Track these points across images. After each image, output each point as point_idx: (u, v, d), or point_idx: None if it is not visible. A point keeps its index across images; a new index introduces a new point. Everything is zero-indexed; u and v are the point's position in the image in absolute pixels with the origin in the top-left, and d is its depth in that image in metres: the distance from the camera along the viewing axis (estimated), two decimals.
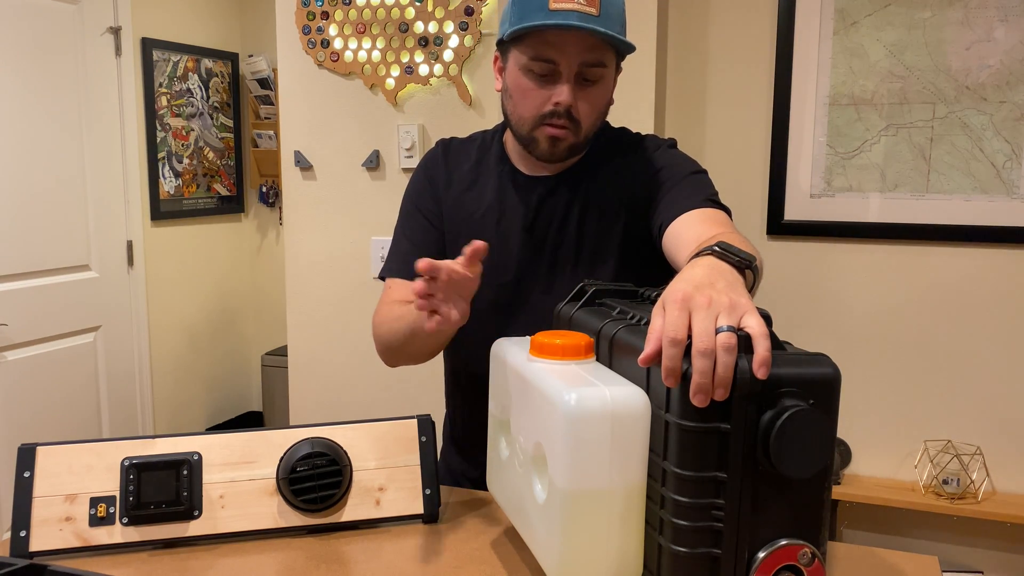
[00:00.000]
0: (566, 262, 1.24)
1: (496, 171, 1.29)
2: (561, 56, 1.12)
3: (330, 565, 0.99)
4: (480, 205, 1.27)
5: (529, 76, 1.15)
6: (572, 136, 1.17)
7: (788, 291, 2.52)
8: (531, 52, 1.13)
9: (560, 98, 1.14)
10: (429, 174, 1.32)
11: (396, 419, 1.13)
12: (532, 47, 1.13)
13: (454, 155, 1.33)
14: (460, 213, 1.29)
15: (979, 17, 2.28)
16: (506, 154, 1.29)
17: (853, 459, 2.53)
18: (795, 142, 2.46)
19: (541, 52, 1.13)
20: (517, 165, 1.28)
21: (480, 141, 1.33)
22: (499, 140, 1.31)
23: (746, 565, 0.76)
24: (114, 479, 1.03)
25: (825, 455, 0.74)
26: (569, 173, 1.26)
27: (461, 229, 1.28)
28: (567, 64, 1.13)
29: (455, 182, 1.30)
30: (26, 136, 2.89)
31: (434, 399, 1.48)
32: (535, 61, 1.14)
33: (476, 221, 1.27)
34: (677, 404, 0.75)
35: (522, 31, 1.11)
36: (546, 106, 1.15)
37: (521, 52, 1.15)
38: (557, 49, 1.12)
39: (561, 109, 1.14)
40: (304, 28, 2.58)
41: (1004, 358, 2.37)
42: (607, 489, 0.79)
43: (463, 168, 1.31)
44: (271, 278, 4.07)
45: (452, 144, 1.34)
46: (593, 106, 1.17)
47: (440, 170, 1.32)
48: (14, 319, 2.86)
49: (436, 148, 1.35)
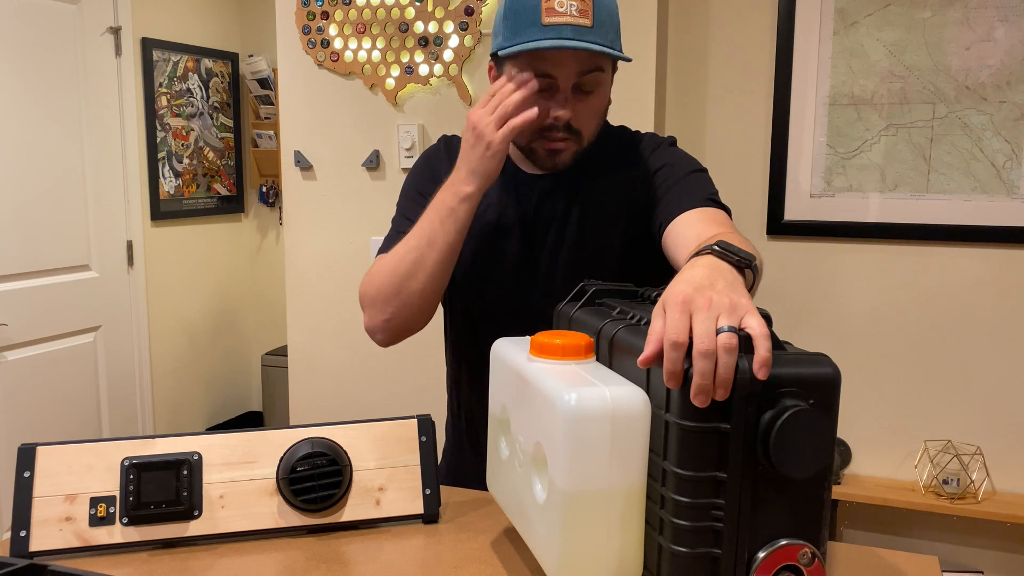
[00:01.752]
0: (566, 261, 1.24)
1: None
2: (557, 70, 1.12)
3: (330, 565, 0.99)
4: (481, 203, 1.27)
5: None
6: (574, 145, 1.17)
7: (788, 291, 2.52)
8: (528, 67, 1.12)
9: (559, 113, 1.14)
10: (432, 164, 1.32)
11: (396, 419, 1.13)
12: (527, 63, 1.12)
13: (456, 151, 1.32)
14: None
15: (979, 17, 2.28)
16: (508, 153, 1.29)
17: (853, 459, 2.53)
18: (795, 142, 2.46)
19: (537, 68, 1.12)
20: (517, 164, 1.28)
21: None
22: None
23: (746, 565, 0.76)
24: (114, 479, 1.03)
25: (825, 455, 0.74)
26: (569, 172, 1.26)
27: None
28: (564, 78, 1.12)
29: None
30: (26, 136, 2.89)
31: (434, 399, 1.48)
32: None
33: (476, 219, 1.27)
34: (677, 404, 0.75)
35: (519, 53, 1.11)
36: (544, 120, 1.15)
37: (516, 67, 1.14)
38: (552, 63, 1.11)
39: (560, 123, 1.14)
40: (304, 28, 2.58)
41: (1004, 358, 2.37)
42: (607, 489, 0.79)
43: None
44: (271, 278, 4.07)
45: (454, 141, 1.34)
46: (592, 114, 1.17)
47: (443, 164, 1.30)
48: (14, 319, 2.86)
49: (439, 144, 1.34)
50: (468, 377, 1.33)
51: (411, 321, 1.21)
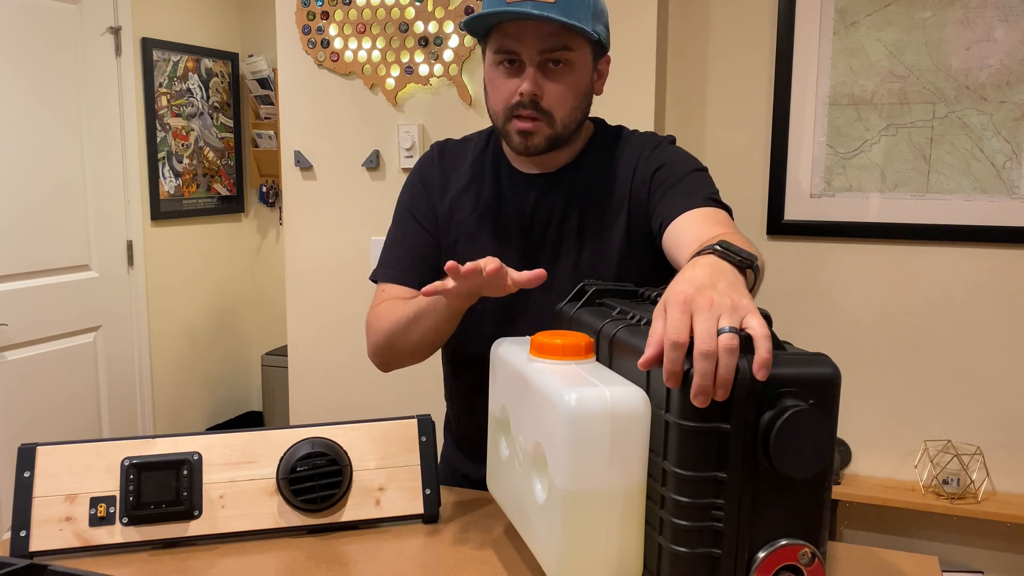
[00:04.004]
0: (566, 261, 1.24)
1: (492, 169, 1.28)
2: (520, 46, 1.13)
3: (330, 565, 0.99)
4: (477, 204, 1.27)
5: (498, 69, 1.17)
6: (546, 128, 1.17)
7: (788, 291, 2.52)
8: (495, 45, 1.16)
9: (523, 88, 1.14)
10: (424, 178, 1.32)
11: (396, 419, 1.13)
12: (496, 40, 1.15)
13: (450, 157, 1.32)
14: (457, 214, 1.28)
15: (979, 17, 2.28)
16: (503, 152, 1.29)
17: (853, 459, 2.53)
18: (795, 142, 2.46)
19: (503, 44, 1.14)
20: (514, 163, 1.28)
21: (476, 141, 1.33)
22: (496, 139, 1.31)
23: (746, 565, 0.76)
24: (114, 479, 1.03)
25: (825, 455, 0.74)
26: (566, 170, 1.25)
27: (460, 229, 1.27)
28: (527, 53, 1.13)
29: (451, 183, 1.30)
30: (26, 136, 2.89)
31: (434, 399, 1.48)
32: (499, 54, 1.16)
33: (474, 221, 1.27)
34: (677, 404, 0.75)
35: (476, 21, 1.13)
36: (513, 97, 1.16)
37: (489, 48, 1.18)
38: (515, 39, 1.13)
39: (525, 99, 1.14)
40: (304, 28, 2.58)
41: (1004, 358, 2.37)
42: (607, 489, 0.79)
43: (459, 169, 1.30)
44: (271, 278, 4.07)
45: (447, 146, 1.34)
46: (563, 94, 1.16)
47: (435, 174, 1.31)
48: (14, 319, 2.86)
49: (432, 151, 1.35)
50: (467, 377, 1.33)
51: (415, 358, 1.24)
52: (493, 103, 1.19)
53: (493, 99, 1.19)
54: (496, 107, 1.19)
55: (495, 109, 1.19)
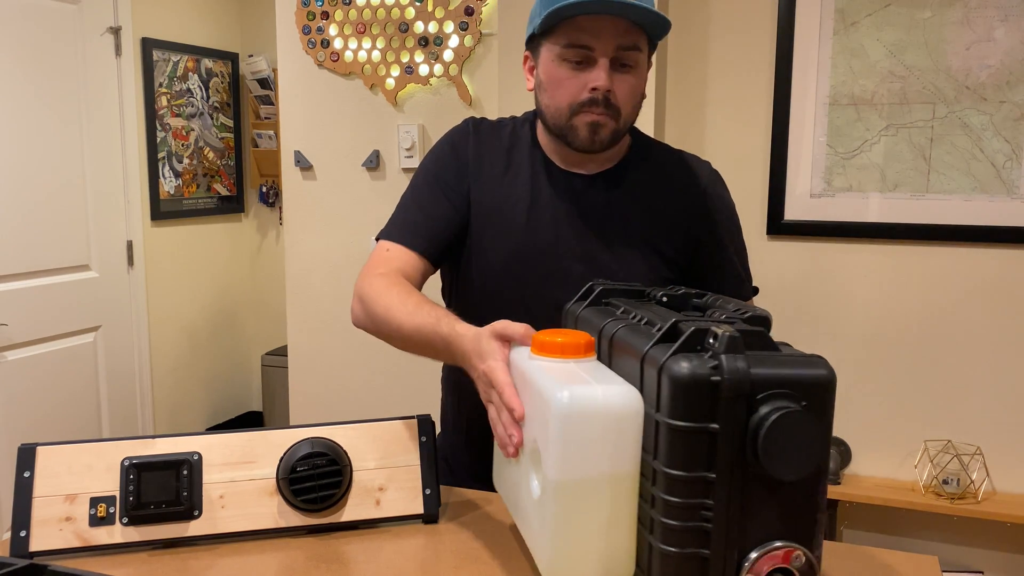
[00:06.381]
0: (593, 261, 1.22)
1: (529, 160, 1.25)
2: (596, 41, 1.11)
3: (330, 565, 0.99)
4: (512, 193, 1.24)
5: (564, 65, 1.14)
6: (613, 123, 1.15)
7: (788, 291, 2.52)
8: (565, 40, 1.12)
9: (598, 83, 1.12)
10: (457, 150, 1.27)
11: (396, 419, 1.13)
12: (566, 35, 1.12)
13: (486, 136, 1.28)
14: (491, 198, 1.24)
15: (979, 17, 2.28)
16: (539, 144, 1.26)
17: (853, 459, 2.53)
18: (795, 142, 2.46)
19: (575, 39, 1.11)
20: (551, 157, 1.25)
21: (512, 127, 1.29)
22: (531, 128, 1.27)
23: (736, 566, 0.76)
24: (114, 479, 1.03)
25: (815, 457, 0.74)
26: (605, 174, 1.24)
27: (491, 215, 1.24)
28: (602, 48, 1.11)
29: (486, 165, 1.25)
30: (26, 136, 2.89)
31: (434, 399, 1.48)
32: (569, 48, 1.12)
33: (507, 209, 1.23)
34: (667, 403, 0.75)
35: (555, 19, 1.10)
36: (583, 94, 1.13)
37: (554, 43, 1.14)
38: (591, 34, 1.11)
39: (599, 95, 1.12)
40: (304, 28, 2.58)
41: (1004, 358, 2.37)
42: (598, 486, 0.80)
43: (495, 152, 1.26)
44: (271, 278, 4.07)
45: (483, 125, 1.29)
46: (630, 92, 1.15)
47: (470, 148, 1.26)
48: (14, 319, 2.86)
49: (466, 125, 1.29)
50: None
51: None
52: (557, 99, 1.16)
53: (557, 95, 1.15)
54: (560, 103, 1.15)
55: (558, 105, 1.16)
